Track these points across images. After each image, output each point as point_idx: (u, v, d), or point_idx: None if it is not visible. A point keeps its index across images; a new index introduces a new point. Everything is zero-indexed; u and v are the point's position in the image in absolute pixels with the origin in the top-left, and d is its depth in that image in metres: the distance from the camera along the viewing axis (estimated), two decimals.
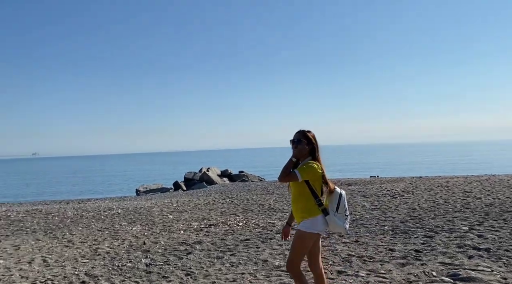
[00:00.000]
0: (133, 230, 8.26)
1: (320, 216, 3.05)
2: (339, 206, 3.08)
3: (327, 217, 3.06)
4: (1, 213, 11.99)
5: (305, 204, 3.09)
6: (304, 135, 3.19)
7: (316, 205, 3.06)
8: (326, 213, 3.06)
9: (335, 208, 3.07)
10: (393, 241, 6.10)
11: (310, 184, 3.07)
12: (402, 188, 13.69)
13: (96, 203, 16.39)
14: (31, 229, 8.89)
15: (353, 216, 8.62)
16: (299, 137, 3.18)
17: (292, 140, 3.21)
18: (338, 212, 3.07)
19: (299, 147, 3.15)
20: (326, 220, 3.06)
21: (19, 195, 27.87)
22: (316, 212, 3.06)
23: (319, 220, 3.06)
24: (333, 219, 3.05)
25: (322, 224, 3.07)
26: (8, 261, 5.91)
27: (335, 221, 3.04)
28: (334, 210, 3.06)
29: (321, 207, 3.06)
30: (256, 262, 5.27)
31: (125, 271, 5.17)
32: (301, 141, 3.16)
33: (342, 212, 3.09)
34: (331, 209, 3.07)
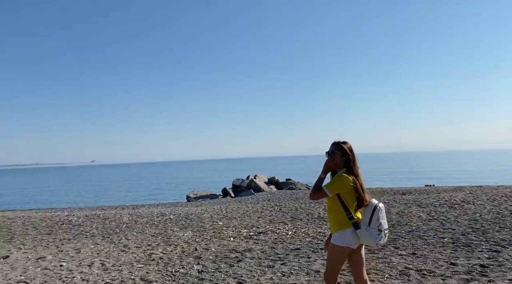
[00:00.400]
0: (184, 236, 8.43)
1: (349, 229, 3.01)
2: (372, 220, 2.99)
3: (357, 231, 3.01)
4: (63, 217, 12.74)
5: (336, 217, 3.09)
6: (338, 146, 3.19)
7: (346, 218, 3.02)
8: (357, 227, 3.01)
9: (368, 222, 3.00)
10: (454, 254, 5.73)
11: (341, 197, 3.05)
12: (461, 198, 12.91)
13: (150, 209, 16.96)
14: (90, 234, 9.34)
15: (409, 227, 8.23)
16: (333, 149, 3.19)
17: (327, 152, 3.22)
18: (371, 227, 2.98)
19: (333, 158, 3.15)
20: (357, 234, 3.01)
21: (79, 201, 29.54)
22: (346, 226, 3.02)
23: (348, 234, 3.02)
24: (364, 234, 2.99)
25: (352, 238, 3.03)
26: (70, 264, 6.23)
27: (366, 236, 2.98)
28: (366, 224, 2.99)
29: (352, 221, 3.01)
30: (308, 272, 5.15)
31: (178, 277, 5.26)
32: (335, 153, 3.17)
33: (375, 226, 2.98)
34: (363, 223, 3.01)
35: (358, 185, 3.07)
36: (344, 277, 4.83)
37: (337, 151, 3.18)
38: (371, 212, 3.01)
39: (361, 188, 3.09)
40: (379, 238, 2.99)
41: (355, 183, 3.06)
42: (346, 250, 3.04)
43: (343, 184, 3.05)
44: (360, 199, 3.06)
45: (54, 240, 8.53)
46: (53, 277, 5.47)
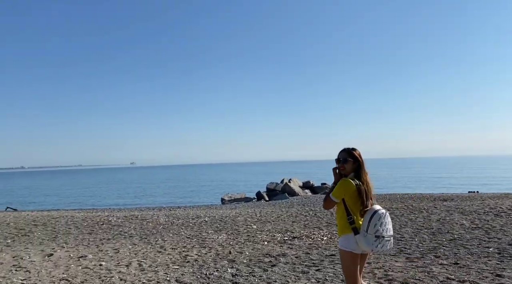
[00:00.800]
0: (219, 239, 8.49)
1: (350, 234, 3.05)
2: (369, 226, 2.97)
3: (356, 237, 3.03)
4: (104, 217, 13.20)
5: (340, 221, 3.15)
6: (350, 153, 3.22)
7: (348, 223, 3.06)
8: (356, 232, 3.03)
9: (366, 228, 2.99)
10: (500, 265, 5.42)
11: (345, 201, 3.09)
12: (508, 206, 12.21)
13: (185, 210, 17.26)
14: (129, 234, 9.61)
15: (450, 235, 7.88)
16: (345, 156, 3.22)
17: (338, 159, 3.24)
18: (368, 233, 2.97)
19: (344, 166, 3.19)
20: (356, 239, 3.03)
21: (118, 202, 30.53)
22: (347, 230, 3.07)
23: (349, 239, 3.06)
24: (361, 240, 3.00)
25: (353, 243, 3.05)
26: (109, 263, 6.43)
27: (362, 242, 2.99)
28: (364, 230, 2.99)
29: (352, 226, 3.04)
30: (343, 279, 5.03)
31: (212, 279, 5.29)
32: (347, 160, 3.20)
33: (372, 232, 2.96)
34: (362, 229, 3.02)
35: (362, 190, 3.08)
36: None
37: (350, 158, 3.21)
38: (369, 218, 3.00)
39: (366, 194, 3.09)
40: (375, 244, 2.96)
41: (359, 188, 3.07)
42: (351, 254, 3.04)
43: (345, 188, 3.08)
44: (363, 204, 3.07)
45: (95, 240, 8.85)
46: (93, 276, 5.66)
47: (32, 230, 10.43)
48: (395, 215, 11.27)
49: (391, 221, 3.13)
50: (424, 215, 11.09)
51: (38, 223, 11.65)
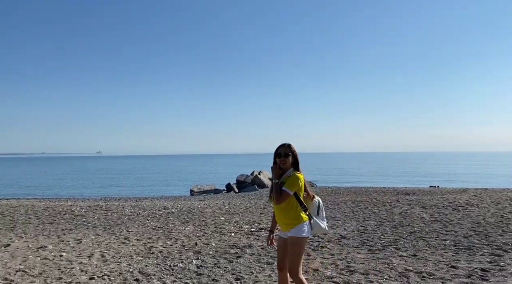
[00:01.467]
0: (185, 230, 8.43)
1: (307, 221, 3.36)
2: (319, 211, 3.46)
3: (312, 221, 3.40)
4: (66, 207, 12.81)
5: (294, 213, 3.35)
6: (291, 148, 3.44)
7: (302, 212, 3.35)
8: (310, 218, 3.41)
9: (316, 212, 3.45)
10: (455, 257, 5.67)
11: (297, 194, 3.34)
12: (465, 200, 12.79)
13: (152, 201, 17.03)
14: (92, 224, 9.38)
15: (411, 228, 8.17)
16: (287, 151, 3.42)
17: (280, 154, 3.42)
18: (319, 216, 3.45)
19: (285, 160, 3.39)
20: (312, 224, 3.40)
21: (83, 191, 29.72)
22: (304, 218, 3.35)
23: (307, 226, 3.36)
24: (316, 222, 3.41)
25: (309, 229, 3.39)
26: (70, 254, 6.26)
27: (318, 224, 3.41)
28: (315, 214, 3.43)
29: (306, 213, 3.37)
30: (306, 270, 5.12)
31: (177, 271, 5.25)
32: (288, 155, 3.41)
33: (322, 216, 3.48)
34: (313, 214, 3.44)
35: (305, 182, 3.43)
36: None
37: (290, 152, 3.42)
38: (317, 205, 3.47)
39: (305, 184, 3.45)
40: (326, 225, 3.49)
41: (304, 180, 3.41)
42: (306, 239, 3.37)
43: (299, 182, 3.33)
44: (308, 194, 3.45)
45: (56, 230, 8.58)
46: (52, 267, 5.49)
47: None
48: (359, 208, 11.56)
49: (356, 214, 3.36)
50: (387, 208, 11.44)
51: None
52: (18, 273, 5.19)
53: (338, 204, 12.79)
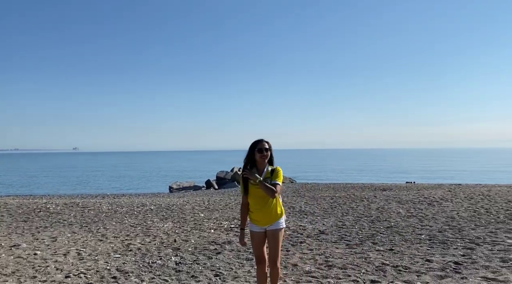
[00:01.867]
0: (164, 227, 8.36)
1: (285, 215, 3.68)
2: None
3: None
4: (41, 205, 12.49)
5: (279, 205, 3.60)
6: (269, 143, 3.58)
7: (282, 205, 3.65)
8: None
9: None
10: (430, 251, 5.82)
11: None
12: (440, 196, 13.14)
13: (130, 198, 16.79)
14: (68, 222, 9.18)
15: (388, 223, 8.33)
16: (268, 146, 3.56)
17: (261, 149, 3.51)
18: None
19: (266, 155, 3.52)
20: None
21: (58, 188, 29.04)
22: (283, 211, 3.66)
23: (284, 217, 3.68)
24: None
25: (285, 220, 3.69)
26: (45, 252, 6.11)
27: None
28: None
29: (284, 208, 3.70)
30: (285, 265, 5.16)
31: (155, 268, 5.20)
32: (268, 150, 3.55)
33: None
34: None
35: None
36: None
37: (269, 147, 3.57)
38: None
39: None
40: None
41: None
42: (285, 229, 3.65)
43: (282, 175, 3.55)
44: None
45: (30, 228, 8.36)
46: (26, 265, 5.35)
47: None
48: (338, 204, 11.71)
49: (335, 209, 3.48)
50: (364, 203, 11.63)
51: None
52: None
53: (317, 200, 12.92)
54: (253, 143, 3.55)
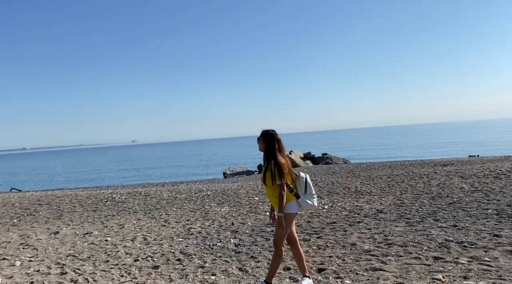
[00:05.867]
0: (222, 211, 8.62)
1: (294, 201, 3.61)
2: (307, 188, 3.65)
3: (299, 200, 3.62)
4: (108, 195, 13.35)
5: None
6: (263, 132, 3.72)
7: (289, 193, 3.59)
8: (297, 197, 3.62)
9: (304, 190, 3.64)
10: (498, 226, 5.50)
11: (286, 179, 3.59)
12: (507, 168, 12.30)
13: (188, 185, 17.43)
14: (133, 210, 9.75)
15: (450, 199, 7.98)
16: (261, 136, 3.72)
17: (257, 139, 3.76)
18: (307, 193, 3.64)
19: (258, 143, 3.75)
20: (299, 202, 3.62)
21: (121, 179, 30.79)
22: (290, 198, 3.60)
23: (294, 204, 3.61)
24: (303, 200, 3.61)
25: (297, 206, 3.63)
26: (115, 239, 6.56)
27: (305, 201, 3.61)
28: (303, 192, 3.63)
29: (292, 193, 3.61)
30: (344, 245, 5.13)
31: (216, 250, 5.40)
32: (259, 138, 3.73)
33: (310, 193, 3.66)
34: (301, 192, 3.64)
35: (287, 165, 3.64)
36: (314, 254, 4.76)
37: (261, 136, 3.74)
38: (304, 182, 3.65)
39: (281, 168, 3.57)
40: (316, 201, 3.68)
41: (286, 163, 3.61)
42: (295, 215, 3.63)
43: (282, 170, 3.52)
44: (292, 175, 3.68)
45: (99, 217, 8.98)
46: (99, 251, 5.78)
47: (37, 209, 10.57)
48: (395, 182, 11.37)
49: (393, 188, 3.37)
50: (424, 180, 11.19)
51: (42, 203, 11.80)
52: (69, 257, 5.51)
53: (373, 179, 12.63)
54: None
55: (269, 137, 3.68)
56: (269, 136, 3.68)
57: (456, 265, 3.98)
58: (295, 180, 3.69)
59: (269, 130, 3.73)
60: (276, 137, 3.67)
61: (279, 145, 3.66)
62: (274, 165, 3.53)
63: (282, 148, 3.69)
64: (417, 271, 3.90)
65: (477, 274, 3.68)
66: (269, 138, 3.68)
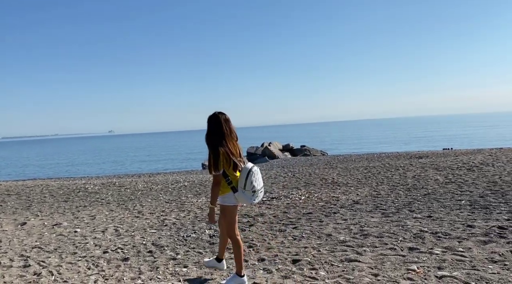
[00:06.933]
0: (198, 202, 8.46)
1: (230, 192, 3.34)
2: (246, 183, 3.26)
3: (235, 194, 3.33)
4: (80, 186, 12.97)
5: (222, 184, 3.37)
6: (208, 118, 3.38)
7: (226, 184, 3.32)
8: (234, 190, 3.32)
9: (243, 185, 3.27)
10: (471, 216, 5.56)
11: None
12: (480, 160, 12.59)
13: (165, 176, 17.16)
14: (106, 201, 9.47)
15: (425, 190, 8.06)
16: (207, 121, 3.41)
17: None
18: (246, 189, 3.27)
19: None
20: (235, 196, 3.34)
21: (96, 170, 30.12)
22: (226, 190, 3.35)
23: (229, 196, 3.36)
24: (241, 196, 3.31)
25: (233, 199, 3.37)
26: (85, 230, 6.32)
27: (242, 198, 3.32)
28: (242, 187, 3.28)
29: (230, 185, 3.32)
30: (319, 236, 5.08)
31: (190, 241, 5.26)
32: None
33: (250, 189, 3.27)
34: (240, 187, 3.29)
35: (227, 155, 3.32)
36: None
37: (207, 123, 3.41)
38: (245, 176, 3.26)
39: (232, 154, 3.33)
40: (253, 198, 3.32)
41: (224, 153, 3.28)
42: (234, 207, 3.39)
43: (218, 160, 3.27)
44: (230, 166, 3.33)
45: (70, 207, 8.68)
46: (67, 242, 5.55)
47: (5, 199, 10.16)
48: (372, 174, 11.45)
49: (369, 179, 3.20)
50: (400, 172, 11.31)
51: (11, 193, 11.37)
52: (34, 249, 5.26)
53: (350, 171, 12.70)
54: None
55: (210, 119, 3.32)
56: (211, 118, 3.32)
57: (431, 256, 3.96)
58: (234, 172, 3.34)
59: (215, 112, 3.36)
60: (221, 119, 3.29)
61: (226, 128, 3.29)
62: (211, 153, 3.24)
63: (231, 131, 3.33)
64: (392, 262, 3.86)
65: (451, 265, 3.66)
66: (210, 120, 3.32)
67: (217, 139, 3.29)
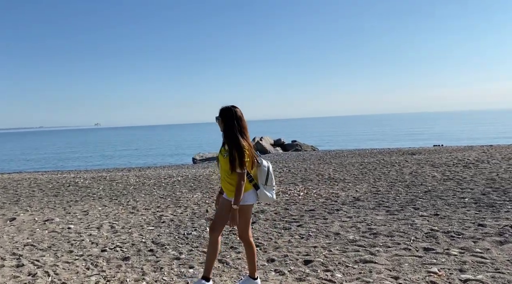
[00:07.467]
0: (194, 198, 8.23)
1: (251, 190, 3.16)
2: (268, 179, 3.19)
3: (258, 191, 3.18)
4: (70, 179, 12.59)
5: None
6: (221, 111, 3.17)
7: (248, 182, 3.14)
8: (257, 187, 3.17)
9: (264, 181, 3.18)
10: (479, 215, 5.46)
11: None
12: (475, 157, 12.61)
13: (156, 170, 16.83)
14: (98, 195, 9.16)
15: (425, 187, 7.97)
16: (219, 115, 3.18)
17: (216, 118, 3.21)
18: (267, 185, 3.20)
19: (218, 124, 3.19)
20: (257, 193, 3.19)
21: (84, 163, 29.53)
22: (247, 188, 3.14)
23: (250, 194, 3.16)
24: (262, 192, 3.18)
25: (254, 197, 3.19)
26: (79, 226, 6.04)
27: (264, 194, 3.19)
28: (263, 183, 3.18)
29: (252, 183, 3.16)
30: (327, 234, 4.90)
31: (191, 240, 5.03)
32: (218, 118, 3.18)
33: (271, 184, 3.23)
34: (261, 183, 3.18)
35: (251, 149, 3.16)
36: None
37: (219, 116, 3.19)
38: (266, 172, 3.18)
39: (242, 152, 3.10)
40: (275, 194, 3.27)
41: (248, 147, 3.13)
42: (252, 206, 3.21)
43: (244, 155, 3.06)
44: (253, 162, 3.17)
45: (61, 202, 8.36)
46: (61, 240, 5.27)
47: None
48: (368, 170, 11.36)
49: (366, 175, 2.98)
50: (396, 168, 11.24)
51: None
52: (27, 247, 4.97)
53: (345, 167, 12.59)
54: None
55: (227, 113, 3.10)
56: (227, 112, 3.10)
57: (449, 257, 3.82)
58: (256, 167, 3.18)
59: (228, 106, 3.15)
60: (236, 114, 3.09)
61: (240, 124, 3.10)
62: (235, 151, 3.00)
63: (244, 128, 3.12)
64: (409, 263, 3.71)
65: (473, 267, 3.52)
66: (227, 115, 3.10)
67: (239, 135, 3.06)
